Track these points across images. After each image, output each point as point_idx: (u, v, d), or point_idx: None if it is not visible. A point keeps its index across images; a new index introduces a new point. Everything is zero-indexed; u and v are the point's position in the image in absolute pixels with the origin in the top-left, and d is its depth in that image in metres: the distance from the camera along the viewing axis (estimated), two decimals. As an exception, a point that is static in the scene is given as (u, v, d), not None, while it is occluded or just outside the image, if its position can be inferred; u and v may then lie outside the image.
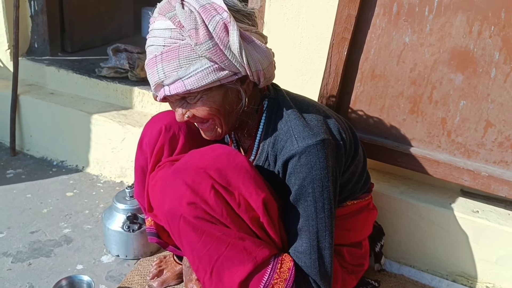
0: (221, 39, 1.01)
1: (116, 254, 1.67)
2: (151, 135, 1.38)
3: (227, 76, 1.06)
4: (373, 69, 1.60)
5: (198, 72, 1.03)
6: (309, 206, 1.11)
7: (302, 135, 1.11)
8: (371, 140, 1.65)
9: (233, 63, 1.04)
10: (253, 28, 1.10)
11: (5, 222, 1.81)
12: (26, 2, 2.43)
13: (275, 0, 1.69)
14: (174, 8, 1.04)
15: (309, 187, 1.10)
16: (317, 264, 1.13)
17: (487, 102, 1.50)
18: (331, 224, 1.14)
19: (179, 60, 1.03)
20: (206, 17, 1.01)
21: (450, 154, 1.60)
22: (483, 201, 1.65)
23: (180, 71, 1.03)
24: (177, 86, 1.04)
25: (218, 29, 1.00)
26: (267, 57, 1.10)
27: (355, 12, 1.51)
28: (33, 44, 2.54)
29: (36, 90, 2.39)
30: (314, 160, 1.09)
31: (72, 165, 2.29)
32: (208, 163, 1.08)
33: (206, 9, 1.01)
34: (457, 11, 1.44)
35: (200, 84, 1.04)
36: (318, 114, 1.19)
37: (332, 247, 1.15)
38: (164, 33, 1.05)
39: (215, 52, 1.01)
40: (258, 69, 1.08)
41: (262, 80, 1.12)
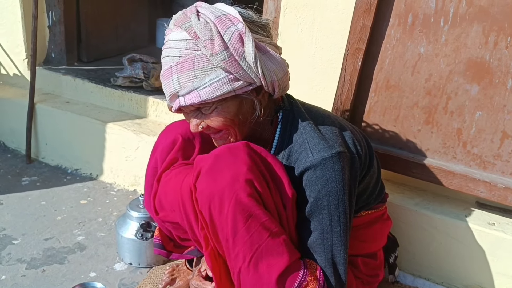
0: (236, 49, 1.02)
1: (129, 262, 1.68)
2: (165, 144, 1.39)
3: (242, 87, 1.06)
4: (387, 79, 1.60)
5: (213, 82, 1.04)
6: (324, 219, 1.11)
7: (318, 148, 1.11)
8: (385, 150, 1.64)
9: (248, 74, 1.05)
10: (267, 39, 1.11)
11: (20, 229, 1.83)
12: (44, 13, 2.48)
13: (289, 11, 1.70)
14: (189, 19, 1.05)
15: (325, 200, 1.10)
16: (333, 279, 1.12)
17: (504, 113, 1.48)
18: (346, 238, 1.13)
19: (194, 71, 1.04)
20: (221, 28, 1.02)
21: (466, 165, 1.59)
22: (500, 214, 1.63)
23: (195, 82, 1.04)
24: (192, 96, 1.05)
25: (234, 39, 1.01)
26: (281, 67, 1.10)
27: (370, 23, 1.51)
28: (50, 53, 2.58)
29: (52, 98, 2.42)
30: (330, 173, 1.09)
31: (86, 173, 2.31)
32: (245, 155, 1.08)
33: (221, 20, 1.03)
34: (472, 21, 1.43)
35: (215, 95, 1.04)
36: (334, 125, 1.18)
37: (346, 262, 1.14)
38: (180, 44, 1.06)
39: (230, 62, 1.02)
40: (273, 80, 1.08)
41: (277, 91, 1.12)
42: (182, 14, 1.08)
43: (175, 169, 1.33)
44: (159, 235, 1.47)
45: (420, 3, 1.48)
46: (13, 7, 2.39)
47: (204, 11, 1.05)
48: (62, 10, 2.46)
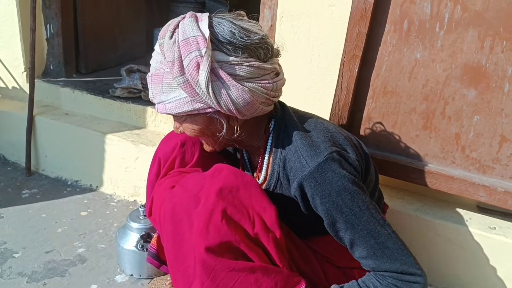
0: (192, 76, 1.03)
1: (130, 273, 1.67)
2: (165, 151, 1.42)
3: (203, 108, 1.09)
4: (384, 85, 1.61)
5: (176, 100, 1.08)
6: (348, 216, 1.09)
7: (310, 154, 1.11)
8: (384, 156, 1.65)
9: (204, 99, 1.06)
10: (247, 60, 1.06)
11: (21, 242, 1.83)
12: (42, 26, 2.49)
13: (285, 20, 1.71)
14: (165, 35, 1.08)
15: (339, 200, 1.08)
16: (386, 258, 1.09)
17: (501, 117, 1.49)
18: (377, 217, 1.11)
19: (162, 86, 1.09)
20: (183, 52, 1.03)
21: (465, 170, 1.59)
22: (500, 217, 1.63)
23: (162, 96, 1.10)
24: (160, 107, 1.12)
25: (191, 66, 1.03)
26: (243, 97, 1.06)
27: (365, 30, 1.52)
28: (48, 66, 2.59)
29: (51, 111, 2.43)
30: (330, 175, 1.08)
31: (86, 184, 2.31)
32: (219, 184, 1.09)
33: (187, 43, 1.03)
34: (468, 27, 1.44)
35: (177, 111, 1.09)
36: (326, 131, 1.18)
37: (390, 234, 1.11)
38: (157, 56, 1.11)
39: (186, 87, 1.05)
40: (229, 108, 1.07)
41: (240, 116, 1.11)
42: (167, 25, 1.10)
43: (169, 178, 1.35)
44: (156, 244, 1.47)
45: (415, 9, 1.49)
46: (11, 20, 2.40)
47: (180, 29, 1.06)
48: (59, 23, 2.47)
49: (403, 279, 1.10)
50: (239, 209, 1.07)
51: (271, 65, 1.12)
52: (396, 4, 1.51)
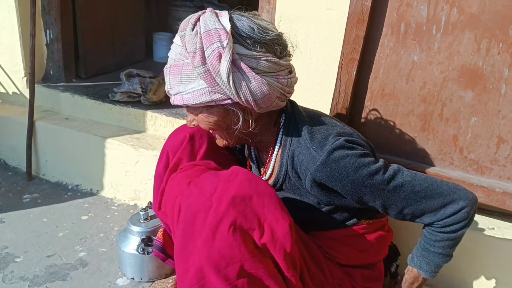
0: (213, 66, 1.06)
1: (131, 277, 1.68)
2: (174, 143, 1.43)
3: (221, 99, 1.11)
4: (382, 88, 1.62)
5: (195, 91, 1.10)
6: (373, 187, 1.12)
7: (319, 145, 1.14)
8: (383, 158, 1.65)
9: (224, 90, 1.08)
10: (264, 55, 1.10)
11: (22, 247, 1.83)
12: (41, 31, 2.50)
13: (283, 23, 1.72)
14: (187, 27, 1.10)
15: (358, 176, 1.11)
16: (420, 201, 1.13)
17: (498, 118, 1.50)
18: (405, 173, 1.14)
19: (181, 77, 1.11)
20: (206, 43, 1.06)
21: (463, 171, 1.60)
22: (499, 218, 1.64)
23: (180, 86, 1.12)
24: (177, 98, 1.14)
25: (213, 56, 1.05)
26: (261, 88, 1.09)
27: (363, 33, 1.54)
28: (48, 71, 2.60)
29: (51, 115, 2.44)
30: (343, 157, 1.11)
31: (87, 188, 2.32)
32: (233, 191, 1.07)
33: (209, 34, 1.06)
34: (464, 29, 1.45)
35: (195, 102, 1.11)
36: (334, 125, 1.22)
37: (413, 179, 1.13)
38: (177, 48, 1.13)
39: (207, 77, 1.07)
40: (248, 99, 1.10)
41: (257, 109, 1.14)
42: (187, 19, 1.13)
43: (181, 172, 1.34)
44: (162, 238, 1.48)
45: (412, 12, 1.50)
46: (11, 26, 2.42)
47: (201, 21, 1.09)
48: (59, 28, 2.49)
49: (446, 214, 1.13)
50: (249, 218, 1.05)
51: (286, 62, 1.16)
52: (393, 7, 1.52)
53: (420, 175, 1.15)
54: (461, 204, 1.13)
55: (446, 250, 1.19)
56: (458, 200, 1.13)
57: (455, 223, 1.14)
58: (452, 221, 1.14)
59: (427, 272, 1.24)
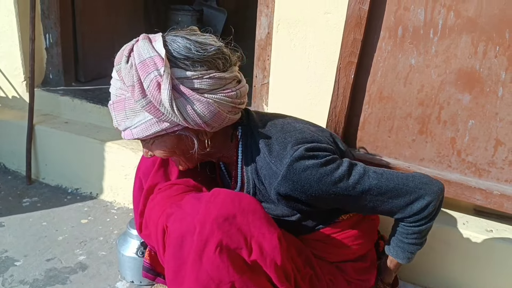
0: (154, 97, 1.03)
1: (131, 280, 1.68)
2: (145, 166, 1.41)
3: (170, 127, 1.09)
4: (380, 91, 1.63)
5: (142, 123, 1.08)
6: (338, 195, 1.12)
7: (278, 158, 1.12)
8: (381, 161, 1.66)
9: (170, 118, 1.05)
10: (207, 73, 1.07)
11: (22, 250, 1.84)
12: (41, 35, 2.51)
13: (282, 27, 1.73)
14: (121, 60, 1.07)
15: (322, 187, 1.10)
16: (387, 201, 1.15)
17: (496, 121, 1.51)
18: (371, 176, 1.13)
19: (125, 112, 1.09)
20: (142, 74, 1.03)
21: (461, 173, 1.61)
22: (497, 220, 1.64)
23: (127, 122, 1.10)
24: (127, 133, 1.12)
25: (152, 87, 1.02)
26: (209, 109, 1.06)
27: (360, 36, 1.54)
28: (48, 75, 2.61)
29: (51, 119, 2.45)
30: (303, 170, 1.09)
31: (87, 192, 2.33)
32: (215, 212, 1.05)
33: (145, 65, 1.03)
34: (461, 32, 1.46)
35: (145, 134, 1.09)
36: (293, 130, 1.18)
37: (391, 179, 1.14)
38: (116, 83, 1.11)
39: (150, 108, 1.05)
40: (197, 122, 1.07)
41: (209, 129, 1.12)
42: (120, 52, 1.10)
43: (160, 192, 1.32)
44: (148, 258, 1.47)
45: (409, 15, 1.51)
46: (10, 30, 2.42)
47: (135, 52, 1.06)
48: (58, 32, 2.49)
49: (414, 211, 1.15)
50: (235, 237, 1.04)
51: (231, 74, 1.12)
52: (390, 11, 1.53)
53: (386, 174, 1.15)
54: (427, 199, 1.15)
55: (419, 240, 1.24)
56: (424, 195, 1.15)
57: (423, 218, 1.17)
58: (420, 217, 1.17)
59: (404, 259, 1.28)
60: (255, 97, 1.91)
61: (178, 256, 1.09)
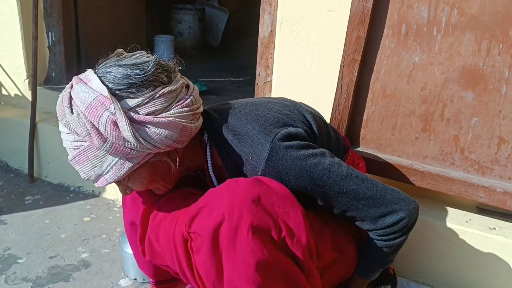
0: (116, 137, 0.99)
1: (134, 277, 1.68)
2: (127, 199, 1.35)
3: (142, 158, 1.05)
4: (384, 89, 1.63)
5: (112, 166, 1.04)
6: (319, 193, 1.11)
7: (255, 153, 1.10)
8: (384, 158, 1.66)
9: (139, 150, 1.02)
10: (155, 92, 1.03)
11: (25, 248, 1.84)
12: (44, 34, 2.51)
13: (285, 25, 1.73)
14: (65, 113, 1.01)
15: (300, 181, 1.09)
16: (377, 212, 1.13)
17: (499, 119, 1.51)
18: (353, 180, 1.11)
19: (90, 161, 1.04)
20: (94, 119, 0.98)
21: (464, 171, 1.61)
22: (500, 218, 1.64)
23: (96, 170, 1.05)
24: (101, 181, 1.07)
25: (109, 128, 0.98)
26: (173, 127, 1.04)
27: (364, 34, 1.54)
28: (50, 73, 2.62)
29: (53, 117, 2.45)
30: (281, 164, 1.08)
31: (89, 190, 2.33)
32: (240, 196, 1.03)
33: (92, 109, 0.98)
34: (465, 30, 1.46)
35: (119, 175, 1.05)
36: (258, 118, 1.15)
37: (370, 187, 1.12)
38: (68, 137, 1.04)
39: (116, 149, 1.00)
40: (167, 144, 1.05)
41: (180, 145, 1.09)
42: (60, 103, 1.04)
43: (160, 208, 1.27)
44: None
45: (412, 13, 1.51)
46: (13, 28, 2.43)
47: (76, 99, 1.00)
48: (61, 30, 2.50)
49: (385, 224, 1.14)
50: (264, 218, 1.02)
51: (178, 83, 1.09)
52: (393, 9, 1.53)
53: (367, 182, 1.12)
54: (400, 215, 1.13)
55: (383, 258, 1.21)
56: (398, 211, 1.13)
57: (393, 233, 1.15)
58: (390, 231, 1.15)
59: (363, 276, 1.28)
60: (258, 95, 1.91)
61: (213, 251, 1.05)
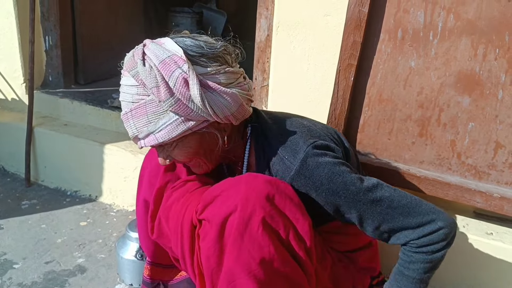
0: (183, 94, 1.02)
1: (130, 283, 1.68)
2: (150, 168, 1.37)
3: (197, 125, 1.08)
4: (380, 93, 1.62)
5: (167, 125, 1.05)
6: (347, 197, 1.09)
7: (291, 154, 1.12)
8: (380, 163, 1.66)
9: (200, 114, 1.05)
10: (221, 68, 1.08)
11: (21, 253, 1.83)
12: (41, 37, 2.51)
13: (281, 29, 1.73)
14: (136, 64, 1.05)
15: (332, 185, 1.09)
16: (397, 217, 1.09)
17: (496, 124, 1.50)
18: (385, 188, 1.11)
19: (147, 116, 1.05)
20: (165, 74, 1.01)
21: (461, 176, 1.60)
22: (497, 223, 1.64)
23: (150, 126, 1.06)
24: (150, 139, 1.08)
25: (179, 84, 1.01)
26: (234, 100, 1.08)
27: (360, 39, 1.54)
28: (47, 77, 2.61)
29: (50, 122, 2.44)
30: (316, 166, 1.09)
31: (86, 194, 2.32)
32: (256, 190, 1.06)
33: (165, 64, 1.02)
34: (461, 35, 1.46)
35: (170, 136, 1.06)
36: (302, 127, 1.20)
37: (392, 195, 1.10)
38: (131, 89, 1.07)
39: (179, 107, 1.03)
40: (226, 115, 1.08)
41: (234, 121, 1.13)
42: (131, 58, 1.08)
43: (175, 190, 1.30)
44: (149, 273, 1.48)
45: (408, 18, 1.51)
46: (10, 32, 2.43)
47: (150, 54, 1.05)
48: (58, 34, 2.50)
49: (423, 233, 1.09)
50: (276, 216, 1.05)
51: (239, 69, 1.15)
52: (390, 14, 1.53)
53: (399, 192, 1.12)
54: (439, 225, 1.09)
55: (421, 275, 1.14)
56: (437, 220, 1.09)
57: (432, 244, 1.10)
58: (428, 241, 1.09)
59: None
60: (255, 99, 1.91)
61: (219, 239, 1.07)
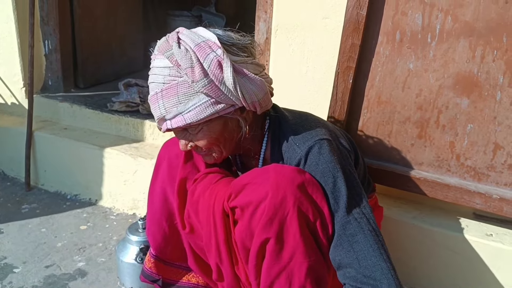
0: (216, 75, 1.06)
1: (130, 286, 1.68)
2: (171, 155, 1.38)
3: (224, 108, 1.12)
4: (379, 95, 1.63)
5: (197, 106, 1.10)
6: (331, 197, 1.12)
7: (302, 140, 1.17)
8: (380, 165, 1.66)
9: (229, 97, 1.10)
10: (248, 59, 1.15)
11: (21, 257, 1.83)
12: (40, 42, 2.52)
13: (280, 32, 1.73)
14: (171, 47, 1.10)
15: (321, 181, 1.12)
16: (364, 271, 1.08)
17: (494, 125, 1.51)
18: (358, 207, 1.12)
19: (178, 97, 1.10)
20: (201, 56, 1.07)
21: (460, 177, 1.60)
22: (497, 224, 1.64)
23: (179, 107, 1.10)
24: (177, 120, 1.11)
25: (213, 66, 1.06)
26: (261, 88, 1.14)
27: (358, 41, 1.55)
28: (47, 81, 2.62)
29: (50, 126, 2.45)
30: (318, 157, 1.13)
31: (86, 198, 2.32)
32: (288, 177, 1.09)
33: (201, 47, 1.07)
34: (459, 37, 1.47)
35: (199, 118, 1.10)
36: (317, 122, 1.25)
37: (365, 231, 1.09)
38: (163, 71, 1.11)
39: (211, 88, 1.07)
40: (253, 101, 1.13)
41: (259, 109, 1.17)
42: (164, 41, 1.13)
43: (199, 182, 1.30)
44: (154, 268, 1.48)
45: (407, 20, 1.51)
46: (9, 37, 2.43)
47: (184, 38, 1.10)
48: (58, 38, 2.50)
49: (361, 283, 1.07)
50: (305, 203, 1.08)
51: (261, 63, 1.20)
52: (388, 16, 1.53)
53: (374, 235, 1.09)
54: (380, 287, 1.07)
55: None
56: (381, 284, 1.07)
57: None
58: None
59: None
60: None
61: (248, 225, 1.12)
